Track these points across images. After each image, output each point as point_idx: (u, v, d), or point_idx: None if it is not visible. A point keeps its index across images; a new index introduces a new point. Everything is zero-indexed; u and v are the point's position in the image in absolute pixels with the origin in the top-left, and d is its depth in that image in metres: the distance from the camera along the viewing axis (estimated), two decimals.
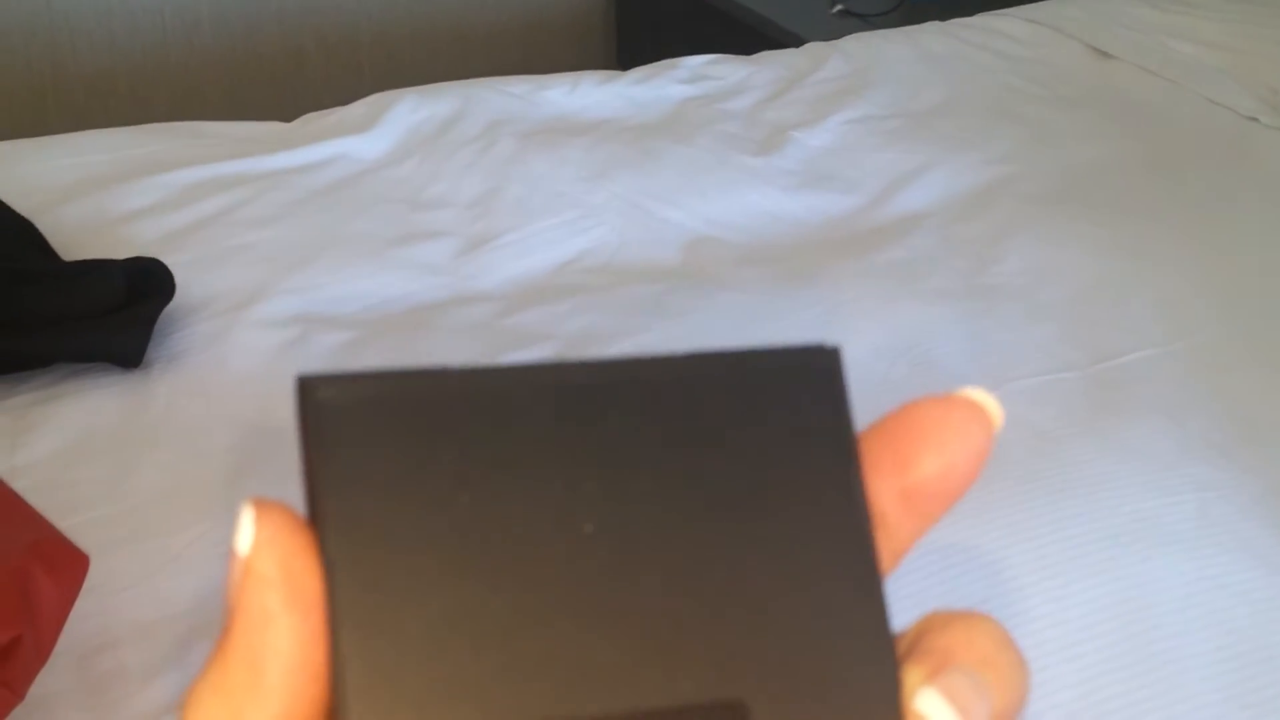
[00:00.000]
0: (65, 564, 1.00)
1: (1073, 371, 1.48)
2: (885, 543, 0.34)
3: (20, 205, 1.67)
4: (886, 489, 0.34)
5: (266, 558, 0.30)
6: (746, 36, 2.92)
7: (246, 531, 0.30)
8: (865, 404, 1.15)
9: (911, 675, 0.32)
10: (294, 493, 1.01)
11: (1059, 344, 1.52)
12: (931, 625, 0.34)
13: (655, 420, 0.33)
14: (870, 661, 0.32)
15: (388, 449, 0.31)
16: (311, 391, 0.32)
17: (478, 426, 0.32)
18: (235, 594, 0.30)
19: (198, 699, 0.30)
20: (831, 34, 2.56)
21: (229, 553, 0.31)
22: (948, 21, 2.55)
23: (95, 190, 1.78)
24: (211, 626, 1.14)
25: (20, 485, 1.27)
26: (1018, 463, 1.32)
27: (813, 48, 2.41)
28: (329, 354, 1.50)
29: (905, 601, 1.06)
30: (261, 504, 0.31)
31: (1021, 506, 1.26)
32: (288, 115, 2.10)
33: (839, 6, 3.01)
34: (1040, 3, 2.63)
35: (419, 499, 0.31)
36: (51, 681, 1.07)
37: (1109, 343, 1.53)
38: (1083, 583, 1.19)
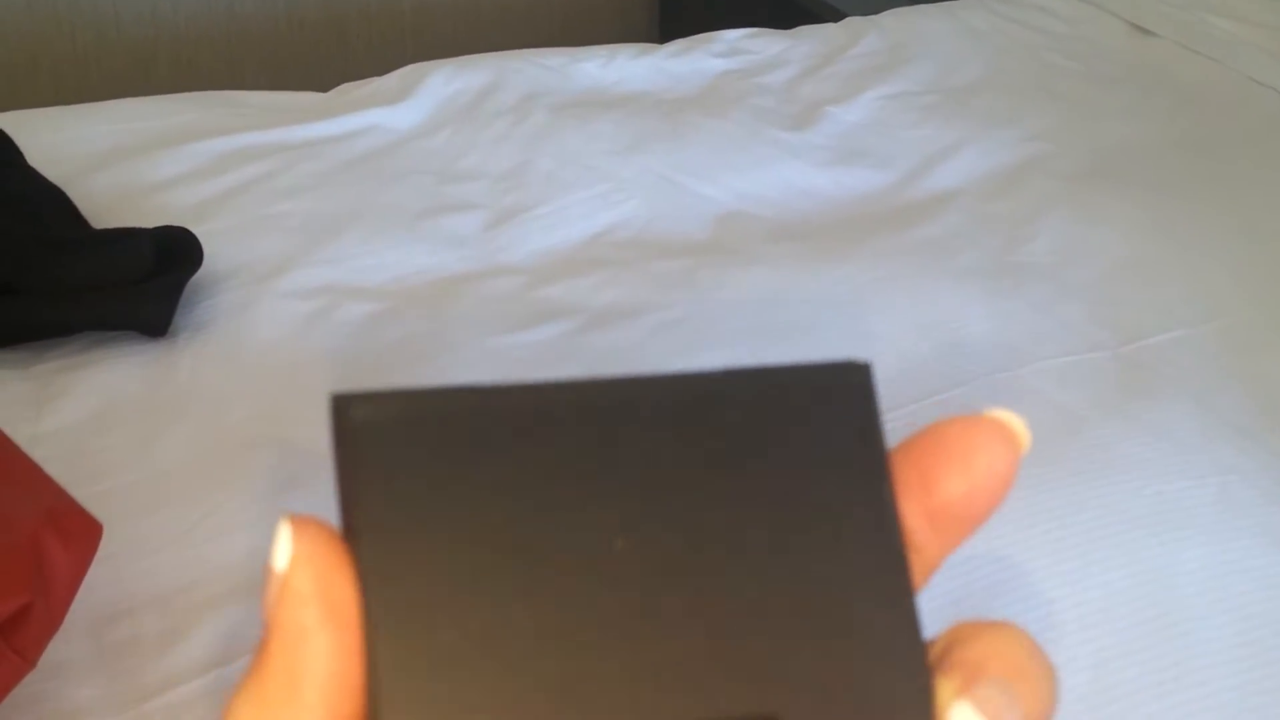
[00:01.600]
0: (79, 532, 1.01)
1: (1101, 351, 1.47)
2: (914, 560, 0.34)
3: (54, 172, 1.68)
4: (913, 509, 0.34)
5: (303, 574, 0.30)
6: (789, 9, 2.91)
7: (283, 547, 0.31)
8: (894, 383, 1.16)
9: (944, 689, 0.32)
10: (313, 465, 1.01)
11: (1088, 324, 1.51)
12: (961, 636, 0.33)
13: (688, 437, 0.33)
14: (903, 675, 0.32)
15: (421, 466, 0.31)
16: (345, 409, 0.32)
17: (509, 443, 0.32)
18: (272, 609, 0.30)
19: (235, 714, 0.30)
20: (877, 6, 2.54)
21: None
22: None
23: (129, 158, 1.79)
24: (228, 597, 1.14)
25: (45, 452, 1.29)
26: (1042, 443, 1.30)
27: (851, 22, 2.40)
28: (355, 325, 1.50)
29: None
30: (298, 520, 0.31)
31: (1044, 488, 1.25)
32: (329, 85, 2.11)
33: None
34: None
35: (453, 515, 0.31)
36: (65, 649, 1.07)
37: (1138, 323, 1.52)
38: (1102, 564, 1.18)
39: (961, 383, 1.40)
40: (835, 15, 2.64)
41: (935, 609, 1.11)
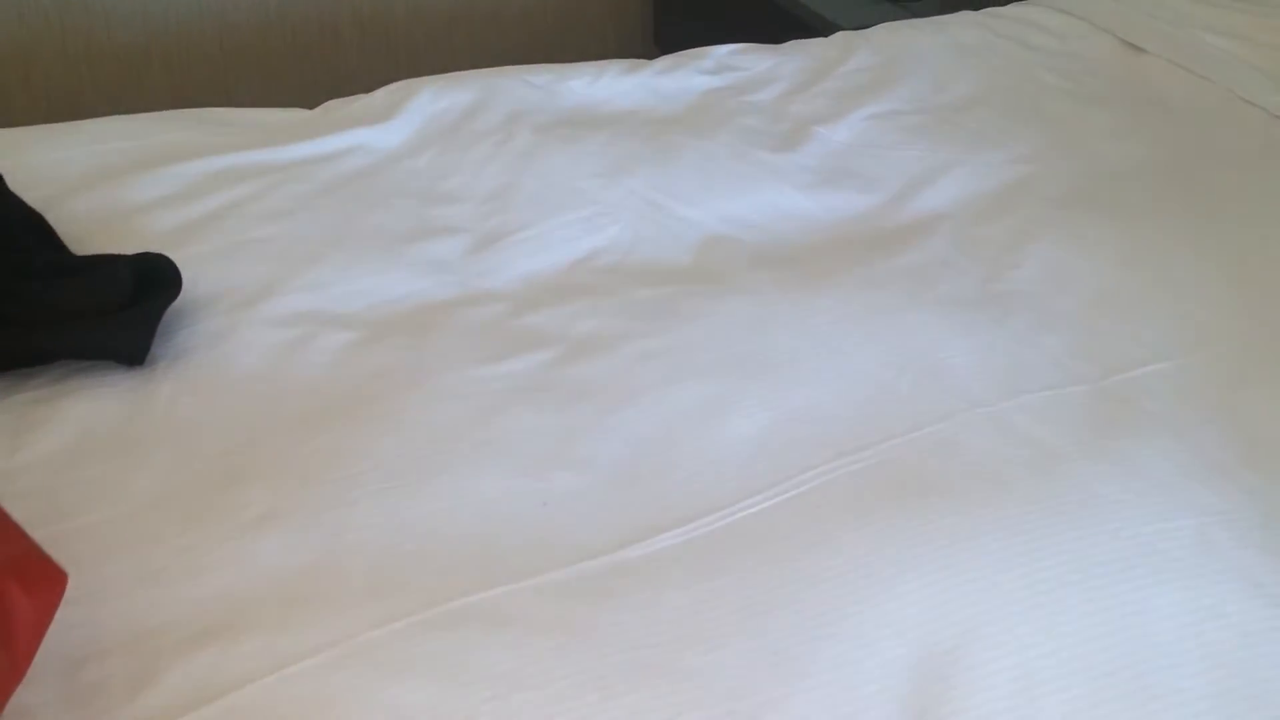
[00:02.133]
0: (42, 581, 1.01)
1: (1082, 385, 1.46)
2: None
3: (34, 195, 1.68)
4: None
5: None
6: (785, 19, 2.90)
7: None
8: (872, 419, 1.15)
9: None
10: (289, 491, 0.99)
11: (1070, 356, 1.50)
12: None
13: None
14: None
15: None
16: None
17: None
18: None
19: None
20: (874, 18, 2.53)
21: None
22: (980, 11, 2.52)
23: (109, 180, 1.79)
24: (200, 639, 1.13)
25: (18, 486, 1.29)
26: (1020, 482, 1.31)
27: (842, 37, 2.39)
28: (335, 354, 1.49)
29: (895, 626, 1.06)
30: None
31: (1020, 528, 1.25)
32: (322, 93, 2.10)
33: None
34: None
35: None
36: (33, 694, 1.07)
37: (1121, 355, 1.51)
38: (1076, 610, 1.17)
39: (940, 418, 1.40)
40: (828, 27, 2.63)
41: (898, 658, 1.11)
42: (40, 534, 1.11)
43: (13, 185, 1.67)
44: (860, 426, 1.39)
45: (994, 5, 2.55)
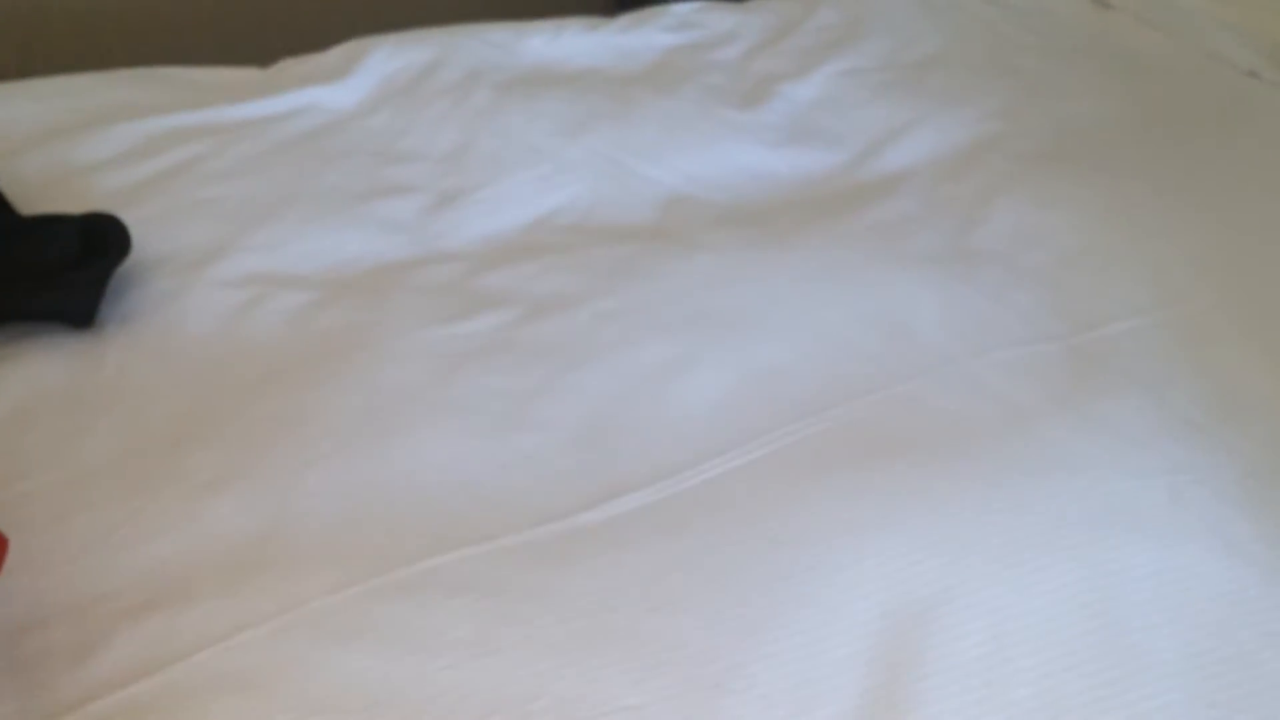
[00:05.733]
0: None
1: (1053, 342, 1.43)
2: None
3: None
4: None
5: None
6: None
7: None
8: (840, 378, 1.12)
9: None
10: (240, 455, 0.96)
11: (1040, 313, 1.48)
12: None
13: None
14: None
15: None
16: None
17: None
18: None
19: None
20: None
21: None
22: None
23: (57, 139, 1.74)
24: (148, 606, 1.10)
25: None
26: (990, 440, 1.28)
27: None
28: (288, 315, 1.45)
29: (863, 588, 1.03)
30: None
31: (990, 487, 1.22)
32: (279, 53, 2.05)
33: None
34: None
35: None
36: None
37: (1092, 311, 1.48)
38: (1049, 571, 1.14)
39: (909, 377, 1.37)
40: None
41: (867, 620, 1.08)
42: None
43: None
44: (826, 385, 1.36)
45: None
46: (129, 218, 1.51)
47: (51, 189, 1.63)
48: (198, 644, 1.06)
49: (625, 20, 2.19)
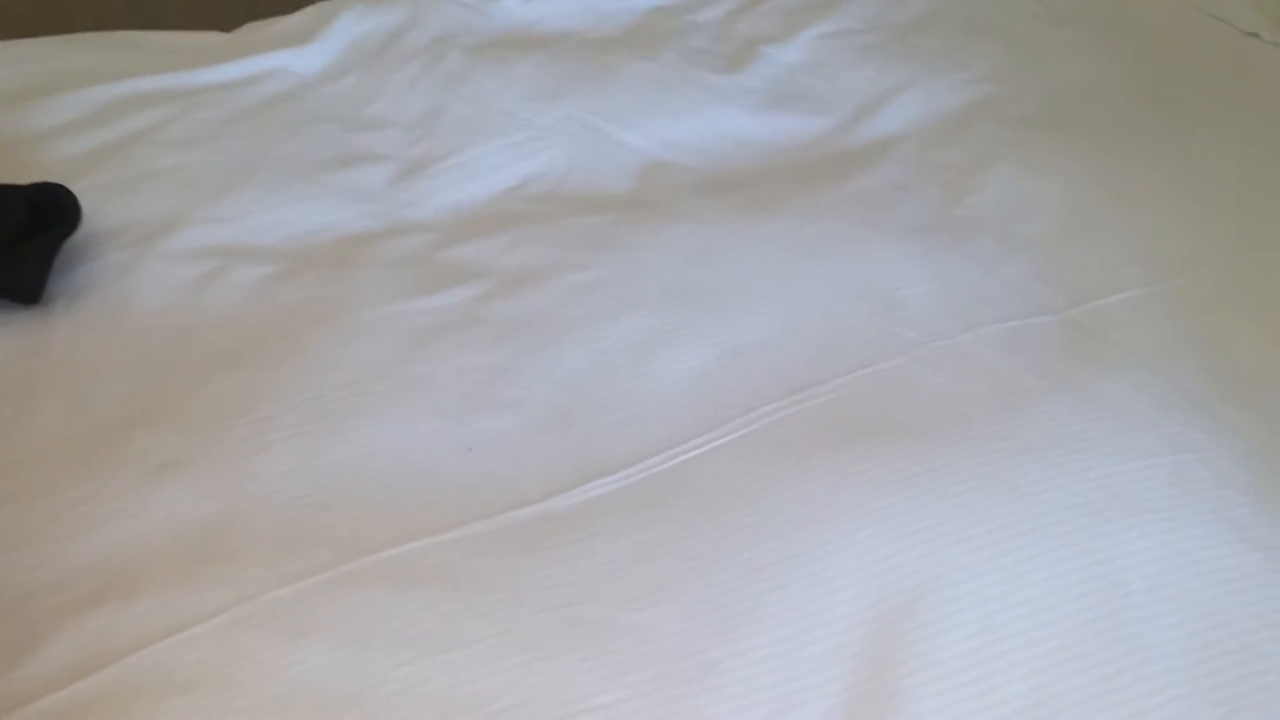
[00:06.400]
0: None
1: (1048, 315, 1.37)
2: None
3: None
4: None
5: None
6: None
7: None
8: (826, 352, 1.05)
9: None
10: (193, 437, 0.88)
11: (1034, 284, 1.41)
12: None
13: None
14: None
15: None
16: None
17: None
18: None
19: None
20: None
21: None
22: None
23: (11, 106, 1.68)
24: (91, 600, 1.04)
25: None
26: (982, 420, 1.22)
27: None
28: (248, 289, 1.39)
29: (848, 577, 0.97)
30: None
31: (981, 469, 1.16)
32: (240, 16, 1.98)
33: None
34: None
35: None
36: None
37: (1088, 282, 1.42)
38: (1045, 558, 1.08)
39: (898, 352, 1.31)
40: None
41: (852, 612, 1.02)
42: None
43: None
44: (810, 362, 1.29)
45: None
46: (81, 187, 1.46)
47: (2, 157, 1.57)
48: (143, 640, 1.01)
49: None
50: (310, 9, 1.94)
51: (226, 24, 2.00)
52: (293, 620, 1.02)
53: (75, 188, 1.44)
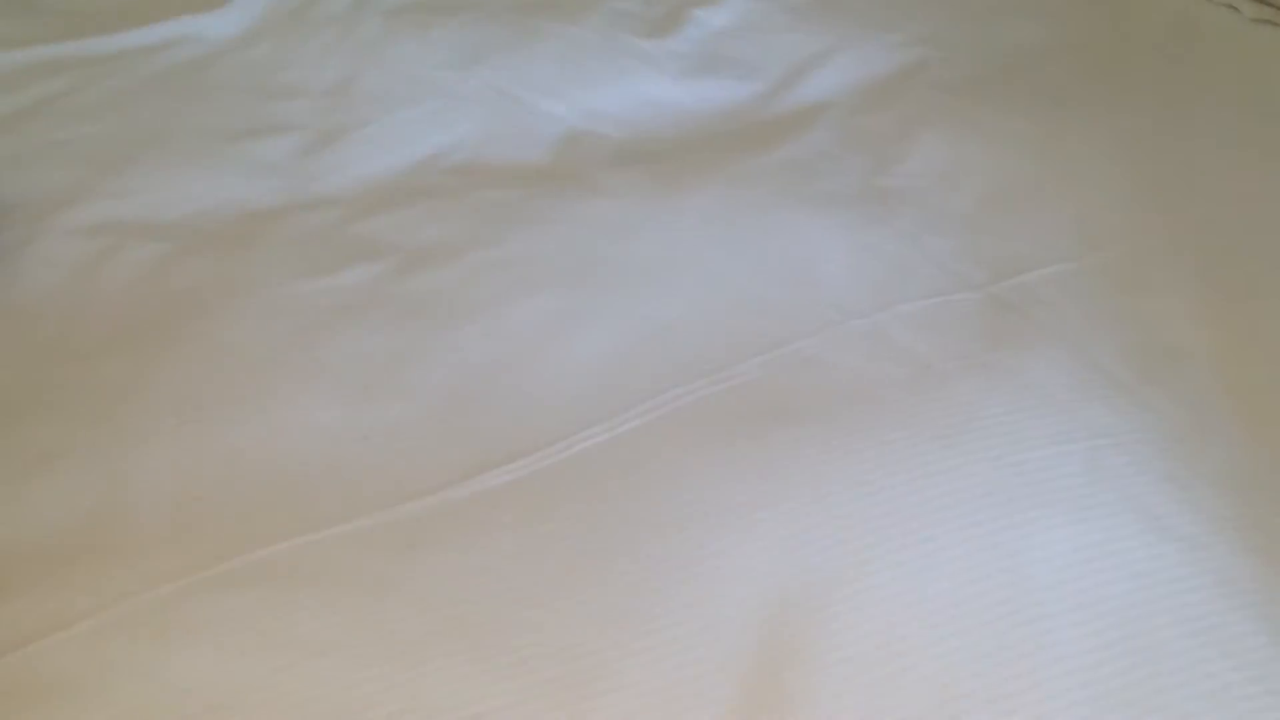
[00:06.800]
0: None
1: (969, 292, 1.33)
2: None
3: None
4: None
5: None
6: None
7: None
8: (739, 332, 1.00)
9: None
10: (75, 426, 0.82)
11: (957, 259, 1.37)
12: None
13: None
14: None
15: None
16: None
17: None
18: None
19: None
20: None
21: None
22: None
23: None
24: None
25: None
26: (893, 404, 1.18)
27: None
28: (143, 268, 1.35)
29: (749, 574, 0.92)
30: None
31: (889, 458, 1.11)
32: None
33: None
34: None
35: None
36: None
37: (1014, 257, 1.38)
38: (951, 552, 1.04)
39: (810, 332, 1.26)
40: None
41: (751, 611, 0.98)
42: None
43: None
44: (720, 343, 1.25)
45: None
46: None
47: None
48: (9, 645, 0.97)
49: None
50: None
51: None
52: (166, 623, 0.99)
53: None
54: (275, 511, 1.08)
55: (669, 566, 1.03)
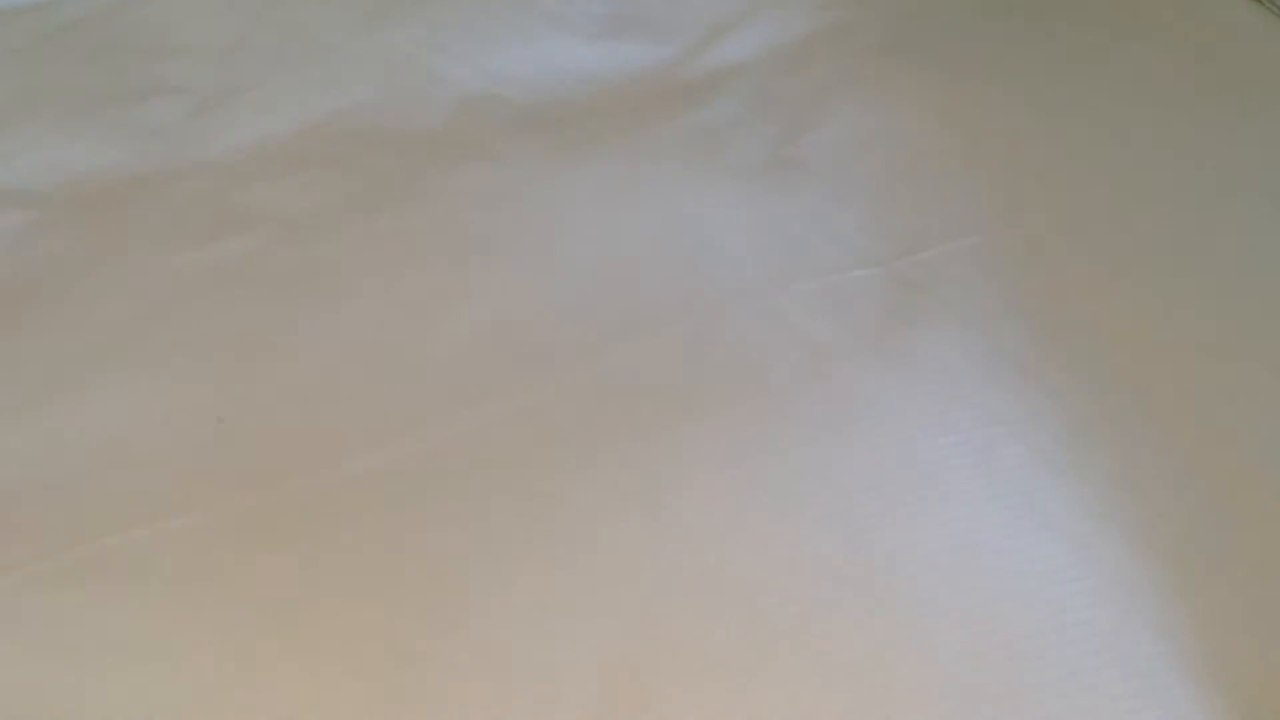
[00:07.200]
0: None
1: (871, 268, 1.27)
2: None
3: None
4: None
5: None
6: None
7: None
8: (626, 312, 0.93)
9: None
10: None
11: (862, 234, 1.31)
12: None
13: None
14: None
15: None
16: None
17: None
18: None
19: None
20: None
21: None
22: None
23: None
24: None
25: None
26: (781, 390, 1.12)
27: None
28: (4, 239, 1.27)
29: (607, 573, 0.86)
30: None
31: (771, 448, 1.06)
32: None
33: None
34: None
35: None
36: None
37: (921, 230, 1.31)
38: (825, 550, 0.98)
39: (703, 312, 1.20)
40: None
41: (605, 613, 0.92)
42: None
43: None
44: (607, 322, 1.19)
45: None
46: None
47: None
48: None
49: None
50: None
51: None
52: None
53: None
54: (108, 502, 1.03)
55: (524, 568, 0.98)
